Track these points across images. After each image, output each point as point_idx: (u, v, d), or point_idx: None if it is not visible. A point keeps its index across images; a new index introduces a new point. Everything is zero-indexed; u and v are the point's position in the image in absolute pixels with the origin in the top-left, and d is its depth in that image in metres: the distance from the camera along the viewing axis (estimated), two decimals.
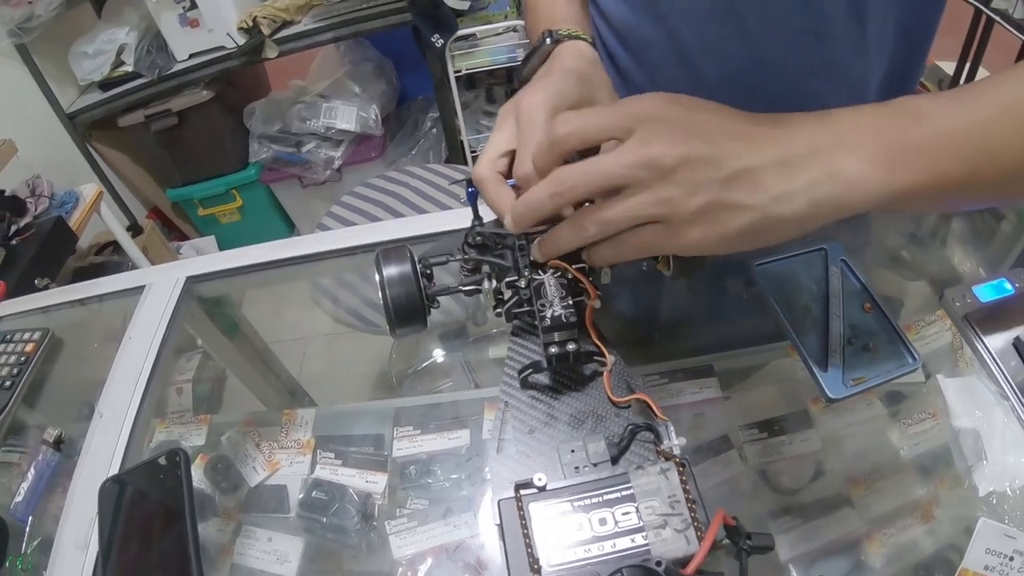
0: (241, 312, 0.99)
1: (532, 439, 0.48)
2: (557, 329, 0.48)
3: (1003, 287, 0.63)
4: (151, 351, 0.75)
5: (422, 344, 1.32)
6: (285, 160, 2.43)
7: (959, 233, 0.86)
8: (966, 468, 0.58)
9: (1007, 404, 0.58)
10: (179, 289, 0.81)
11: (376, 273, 0.51)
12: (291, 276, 0.91)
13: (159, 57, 2.22)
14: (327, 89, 2.38)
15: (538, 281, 0.50)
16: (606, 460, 0.44)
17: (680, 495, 0.41)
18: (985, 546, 0.50)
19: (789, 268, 0.63)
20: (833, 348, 0.55)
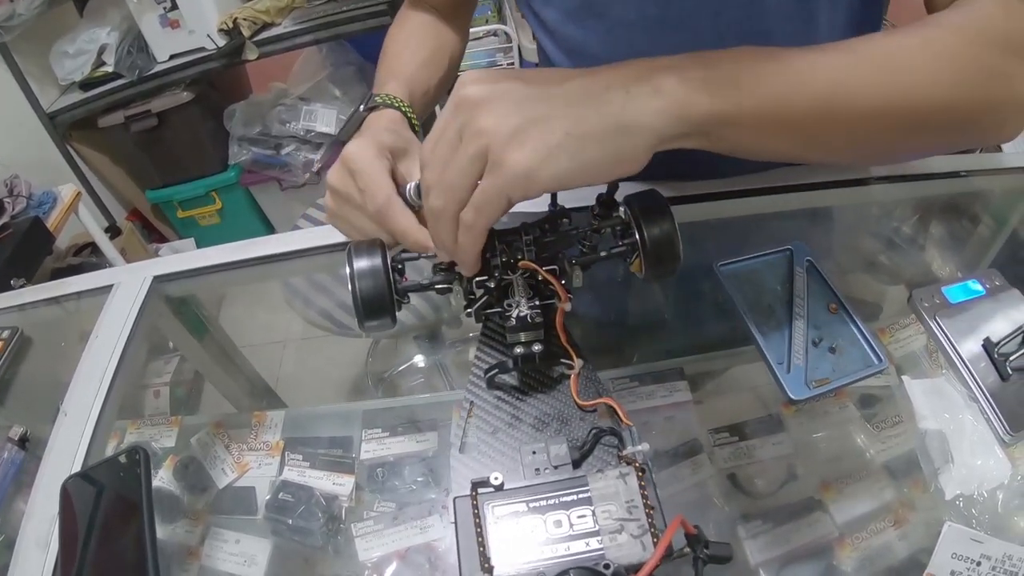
0: (212, 312, 0.98)
1: (495, 439, 0.47)
2: (523, 329, 0.48)
3: (973, 288, 0.63)
4: (116, 350, 0.74)
5: (399, 347, 1.31)
6: (264, 162, 2.42)
7: (936, 237, 0.87)
8: (932, 471, 0.57)
9: (975, 406, 0.57)
10: (146, 288, 0.79)
11: (347, 266, 0.50)
12: (263, 276, 0.90)
13: (140, 58, 2.21)
14: (307, 92, 2.38)
15: (507, 281, 0.50)
16: (567, 463, 0.44)
17: (638, 500, 0.40)
18: (951, 551, 0.49)
19: (753, 268, 0.63)
20: (796, 349, 0.54)
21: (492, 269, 0.51)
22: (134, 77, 2.19)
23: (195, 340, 0.95)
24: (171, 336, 0.90)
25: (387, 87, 0.68)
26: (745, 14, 0.63)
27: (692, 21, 0.64)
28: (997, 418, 0.55)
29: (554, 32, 0.74)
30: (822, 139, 0.47)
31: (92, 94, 2.25)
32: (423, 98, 0.73)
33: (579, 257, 0.53)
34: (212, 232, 2.63)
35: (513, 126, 0.41)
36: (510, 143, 0.41)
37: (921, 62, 0.45)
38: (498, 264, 0.51)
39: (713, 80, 0.42)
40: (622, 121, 0.41)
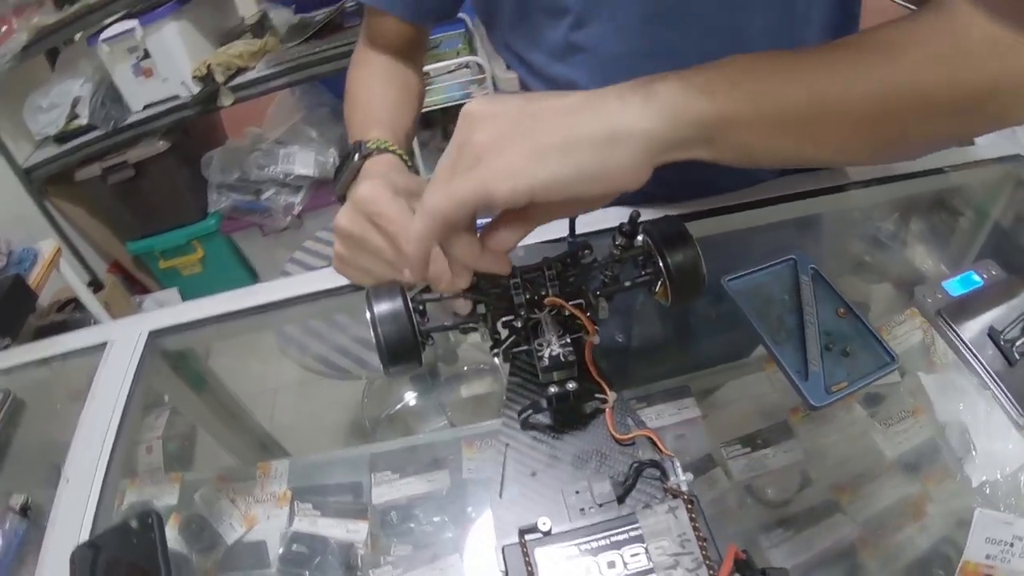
0: (207, 364, 0.97)
1: (535, 481, 0.46)
2: (556, 368, 0.47)
3: (972, 280, 0.65)
4: (116, 410, 0.72)
5: (394, 387, 1.30)
6: (245, 208, 2.41)
7: (918, 233, 0.88)
8: (956, 461, 0.58)
9: (988, 393, 0.59)
10: (142, 344, 0.78)
11: (367, 312, 0.49)
12: (256, 325, 0.89)
13: (114, 109, 2.20)
14: (284, 135, 2.38)
15: (535, 320, 0.50)
16: (612, 500, 0.43)
17: (690, 533, 0.40)
18: (984, 536, 0.50)
19: (760, 280, 0.63)
20: (811, 356, 0.55)
21: (517, 308, 0.51)
22: (109, 128, 2.17)
23: (193, 393, 0.93)
24: (167, 391, 0.89)
25: (371, 133, 0.68)
26: (730, 43, 0.63)
27: (679, 51, 0.65)
28: (1010, 402, 0.56)
29: (541, 73, 0.75)
30: (831, 133, 0.45)
31: (67, 147, 2.23)
32: (405, 140, 0.72)
33: (602, 288, 0.53)
34: (195, 281, 2.60)
35: (505, 134, 0.41)
36: (500, 146, 0.41)
37: (923, 41, 0.43)
38: (522, 302, 0.51)
39: (710, 82, 0.42)
40: (615, 127, 0.40)
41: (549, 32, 0.70)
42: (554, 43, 0.70)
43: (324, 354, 1.12)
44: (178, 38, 2.08)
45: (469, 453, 0.72)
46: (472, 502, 0.67)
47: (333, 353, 1.13)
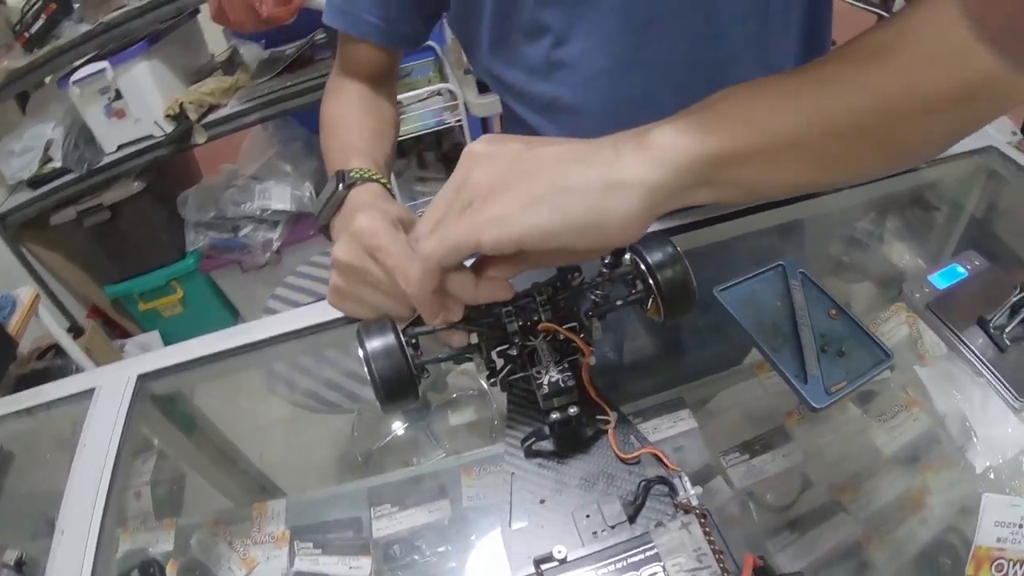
0: (196, 406, 0.96)
1: (544, 508, 0.46)
2: (556, 395, 0.47)
3: (956, 272, 0.66)
4: (108, 457, 0.71)
5: (384, 419, 1.29)
6: (223, 246, 2.40)
7: (897, 231, 0.90)
8: (957, 449, 0.60)
9: (982, 380, 0.60)
10: (131, 388, 0.77)
11: (359, 349, 0.49)
12: (243, 365, 0.88)
13: (87, 151, 2.19)
14: (259, 171, 2.37)
15: (530, 347, 0.50)
16: (623, 521, 0.43)
17: (705, 547, 0.40)
18: (994, 519, 0.51)
19: (751, 288, 0.64)
20: (808, 359, 0.55)
21: (511, 336, 0.51)
22: (83, 171, 2.15)
23: (183, 436, 0.92)
24: (157, 435, 0.87)
25: (352, 162, 0.68)
26: (710, 51, 0.66)
27: (660, 62, 0.66)
28: (1005, 388, 0.57)
29: (522, 93, 0.76)
30: (836, 152, 0.44)
31: (42, 192, 2.21)
32: (385, 168, 0.73)
33: (594, 309, 0.53)
34: (176, 322, 2.58)
35: (500, 178, 0.41)
36: (493, 191, 0.41)
37: (911, 43, 0.42)
38: (516, 330, 0.51)
39: (702, 122, 0.41)
40: (610, 178, 0.40)
41: (529, 51, 0.71)
42: (535, 61, 0.71)
43: (313, 389, 1.12)
44: (149, 77, 2.07)
45: (468, 480, 0.71)
46: (475, 530, 0.67)
47: (322, 388, 1.13)
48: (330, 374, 1.12)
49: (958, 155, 0.84)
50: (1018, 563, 0.50)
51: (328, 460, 1.11)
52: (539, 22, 0.68)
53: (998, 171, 0.83)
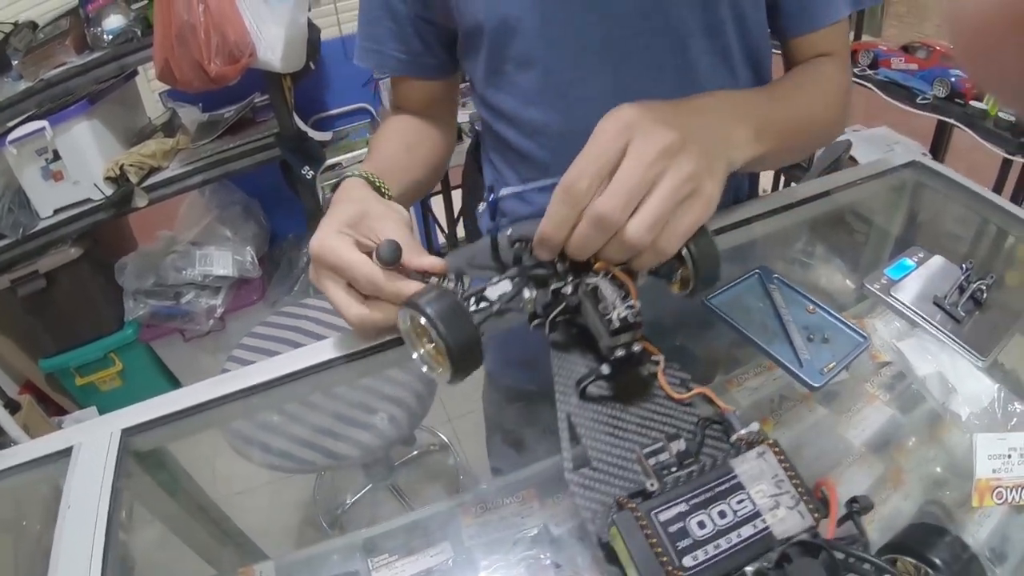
0: (177, 462, 0.92)
1: (610, 448, 0.46)
2: (625, 330, 0.48)
3: (906, 264, 0.75)
4: (99, 520, 0.67)
5: (344, 480, 1.27)
6: (165, 314, 2.34)
7: (839, 243, 0.97)
8: (941, 405, 0.66)
9: (948, 348, 0.68)
10: (116, 444, 0.74)
11: (420, 317, 0.47)
12: (229, 416, 0.85)
13: (21, 215, 2.09)
14: (198, 236, 2.35)
15: (592, 284, 0.50)
16: (691, 458, 0.44)
17: (782, 474, 0.42)
18: (987, 454, 0.58)
19: (736, 294, 0.70)
20: (799, 347, 0.62)
21: (563, 274, 0.52)
22: (18, 236, 2.05)
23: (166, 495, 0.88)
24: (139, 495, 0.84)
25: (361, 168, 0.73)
26: (682, 80, 0.74)
27: (638, 90, 0.71)
28: (967, 351, 0.66)
29: (513, 119, 0.80)
30: (791, 141, 0.69)
31: None
32: (401, 173, 0.77)
33: None
34: (114, 397, 2.47)
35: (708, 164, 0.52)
36: (708, 178, 0.51)
37: (813, 83, 0.75)
38: (567, 268, 0.52)
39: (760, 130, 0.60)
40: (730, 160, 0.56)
41: (521, 81, 0.76)
42: (526, 89, 0.76)
43: (286, 449, 1.09)
44: (90, 138, 2.02)
45: (467, 520, 0.71)
46: (481, 567, 0.66)
47: (295, 446, 1.10)
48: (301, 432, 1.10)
49: (887, 171, 0.92)
50: (1013, 488, 0.57)
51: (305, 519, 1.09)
52: (528, 55, 0.73)
53: (922, 181, 0.92)
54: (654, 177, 0.48)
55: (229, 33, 1.70)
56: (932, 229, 0.95)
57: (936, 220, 0.95)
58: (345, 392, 1.08)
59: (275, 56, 1.80)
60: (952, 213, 0.92)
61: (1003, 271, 0.82)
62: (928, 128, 2.00)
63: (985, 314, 0.69)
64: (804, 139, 0.74)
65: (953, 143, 2.01)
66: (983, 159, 1.75)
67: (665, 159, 0.49)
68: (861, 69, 2.08)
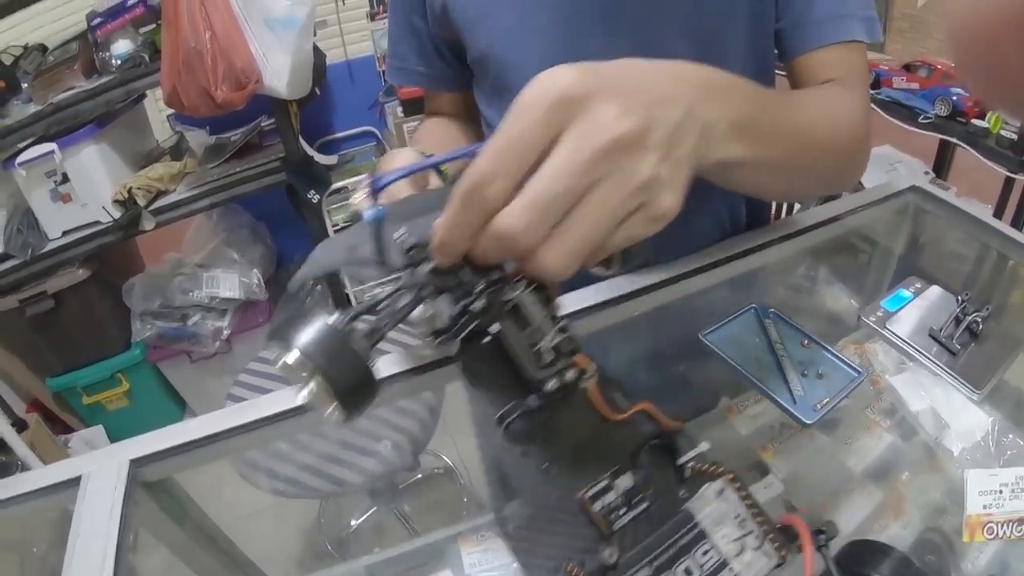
0: (184, 492, 0.94)
1: (548, 492, 0.39)
2: (559, 360, 0.39)
3: (903, 295, 0.75)
4: (108, 552, 0.68)
5: (349, 503, 1.28)
6: (172, 336, 2.36)
7: (837, 270, 0.98)
8: (934, 440, 0.66)
9: (942, 381, 0.68)
10: (124, 474, 0.75)
11: (281, 353, 0.37)
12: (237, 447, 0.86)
13: (30, 236, 2.11)
14: (205, 259, 2.37)
15: (511, 301, 0.39)
16: (639, 495, 0.39)
17: (744, 511, 0.39)
18: (978, 490, 0.58)
19: (732, 330, 0.71)
20: (793, 384, 0.62)
21: (471, 284, 0.40)
22: (26, 257, 2.07)
23: (173, 525, 0.89)
24: (147, 524, 0.85)
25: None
26: None
27: None
28: (962, 384, 0.66)
29: None
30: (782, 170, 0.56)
31: None
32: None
33: None
34: (121, 416, 2.49)
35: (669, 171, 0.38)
36: (664, 188, 0.38)
37: (838, 112, 0.65)
38: (475, 277, 0.40)
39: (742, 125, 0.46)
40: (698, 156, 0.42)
41: None
42: None
43: (294, 476, 1.10)
44: (98, 161, 2.04)
45: (467, 547, 0.71)
46: None
47: (302, 474, 1.11)
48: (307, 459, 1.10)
49: (887, 197, 0.92)
50: (1005, 523, 0.57)
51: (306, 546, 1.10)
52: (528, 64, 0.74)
53: (922, 206, 0.92)
54: (590, 184, 0.35)
55: (236, 60, 1.73)
56: (932, 255, 0.96)
57: (936, 246, 0.95)
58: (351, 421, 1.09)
59: (281, 83, 1.83)
60: (952, 239, 0.92)
61: (1004, 299, 0.84)
62: (931, 147, 2.00)
63: (981, 346, 0.69)
64: (800, 160, 0.58)
65: (956, 162, 2.01)
66: (986, 178, 1.75)
67: (612, 158, 0.36)
68: None
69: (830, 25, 0.69)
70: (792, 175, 0.60)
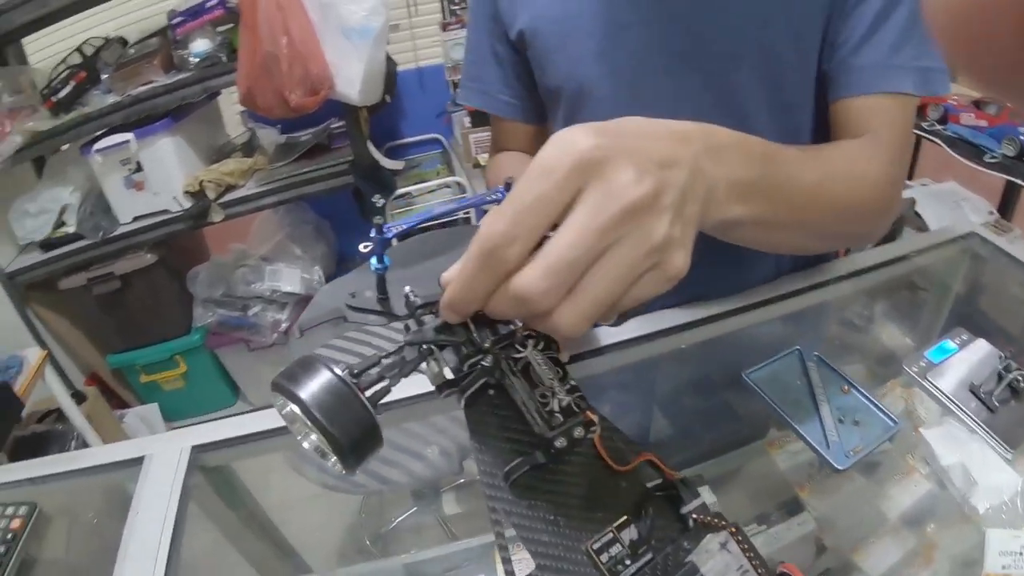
0: (239, 479, 0.98)
1: (555, 543, 0.39)
2: (567, 421, 0.39)
3: (947, 347, 0.75)
4: (165, 528, 0.72)
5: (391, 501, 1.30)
6: (232, 324, 2.43)
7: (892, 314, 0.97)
8: (962, 496, 0.66)
9: (978, 436, 0.67)
10: (186, 459, 0.80)
11: (285, 402, 0.37)
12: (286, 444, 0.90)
13: (103, 219, 2.20)
14: (269, 252, 2.43)
15: (522, 361, 0.40)
16: (644, 545, 0.39)
17: (747, 564, 0.39)
18: (998, 550, 0.59)
19: (774, 370, 0.72)
20: (828, 429, 0.64)
21: (480, 342, 0.40)
22: (97, 239, 2.16)
23: (226, 508, 0.94)
24: (199, 505, 0.89)
25: None
26: None
27: None
28: (997, 442, 0.66)
29: None
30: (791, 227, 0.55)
31: (53, 255, 2.22)
32: None
33: None
34: (176, 397, 2.58)
35: (680, 232, 0.39)
36: (677, 248, 0.39)
37: (862, 171, 0.62)
38: (484, 334, 0.41)
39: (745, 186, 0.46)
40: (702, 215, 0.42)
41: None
42: None
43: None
44: (172, 153, 2.11)
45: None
46: None
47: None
48: None
49: (945, 241, 0.92)
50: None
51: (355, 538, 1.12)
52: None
53: (980, 254, 0.91)
54: (607, 247, 0.36)
55: (311, 66, 1.79)
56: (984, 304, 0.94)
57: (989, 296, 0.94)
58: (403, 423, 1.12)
59: (353, 90, 1.88)
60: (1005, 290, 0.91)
61: None
62: (998, 184, 1.96)
63: (1021, 404, 0.69)
64: (810, 219, 0.57)
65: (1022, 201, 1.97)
66: None
67: (628, 222, 0.36)
68: (930, 124, 2.05)
69: (874, 73, 0.65)
70: (800, 234, 0.59)
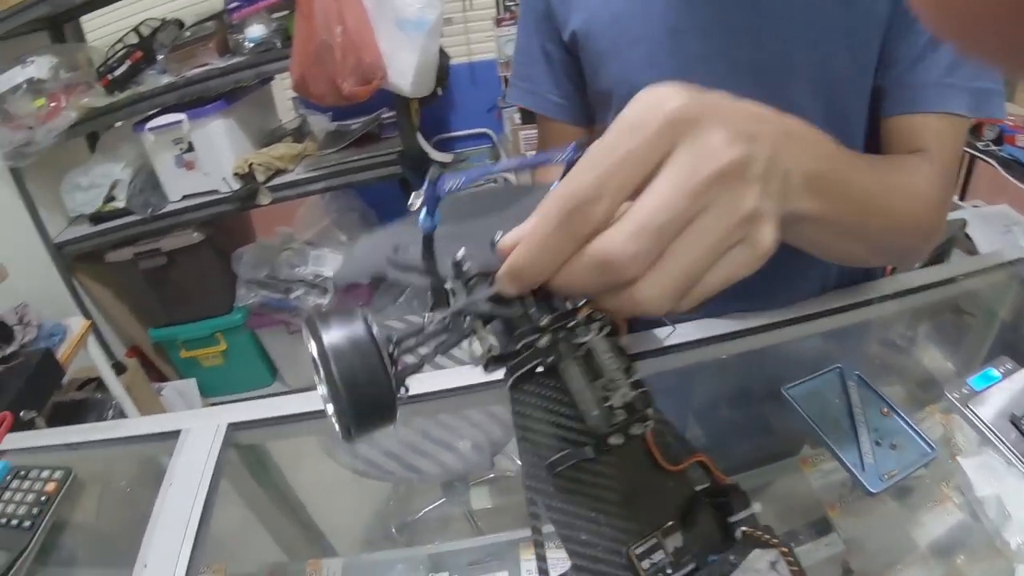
0: (271, 459, 0.99)
1: (594, 542, 0.37)
2: (630, 417, 0.35)
3: (991, 375, 0.73)
4: (197, 500, 0.73)
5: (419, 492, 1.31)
6: (274, 306, 2.46)
7: (936, 338, 0.95)
8: (994, 529, 0.64)
9: (1015, 469, 0.65)
10: (222, 435, 0.81)
11: (313, 345, 0.33)
12: (315, 429, 0.90)
13: (152, 196, 2.25)
14: (314, 237, 2.45)
15: (583, 346, 0.35)
16: (688, 555, 0.37)
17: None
18: None
19: (814, 388, 0.71)
20: (864, 450, 0.63)
21: (536, 319, 0.36)
22: (146, 215, 2.20)
23: (257, 486, 0.96)
24: (231, 481, 0.91)
25: None
26: None
27: None
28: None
29: None
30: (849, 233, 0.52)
31: (101, 228, 2.28)
32: None
33: None
34: (214, 373, 2.63)
35: (772, 206, 0.36)
36: (766, 223, 0.36)
37: (918, 188, 0.60)
38: (540, 310, 0.36)
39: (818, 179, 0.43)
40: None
41: None
42: None
43: (373, 459, 1.13)
44: (223, 135, 2.15)
45: (527, 554, 0.74)
46: None
47: (381, 457, 1.14)
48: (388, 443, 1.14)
49: (994, 266, 0.90)
50: None
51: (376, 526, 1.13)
52: None
53: None
54: (697, 212, 0.33)
55: (364, 56, 1.81)
56: None
57: None
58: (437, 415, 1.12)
59: (405, 81, 1.89)
60: None
61: None
62: None
63: None
64: (866, 228, 0.54)
65: None
66: None
67: (720, 187, 0.33)
68: (985, 144, 2.00)
69: (929, 91, 0.64)
70: (856, 241, 0.56)
